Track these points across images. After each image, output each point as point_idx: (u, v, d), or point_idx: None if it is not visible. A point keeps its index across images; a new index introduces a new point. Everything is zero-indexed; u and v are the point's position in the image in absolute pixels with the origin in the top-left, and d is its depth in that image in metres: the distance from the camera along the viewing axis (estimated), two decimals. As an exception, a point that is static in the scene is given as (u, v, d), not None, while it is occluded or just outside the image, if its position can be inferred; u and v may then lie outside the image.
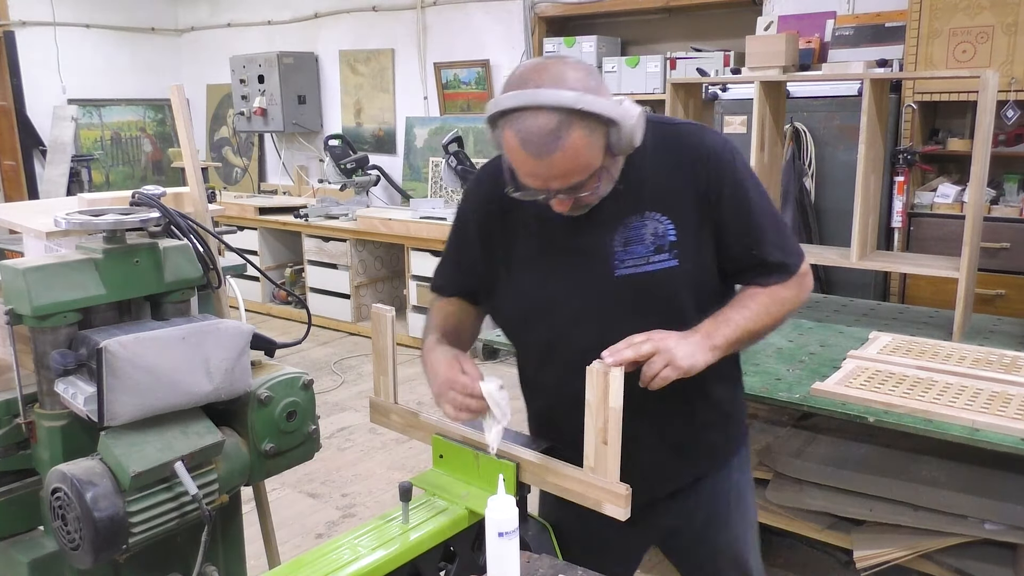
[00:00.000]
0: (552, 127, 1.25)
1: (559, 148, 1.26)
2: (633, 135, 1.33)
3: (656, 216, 1.42)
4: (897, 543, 2.15)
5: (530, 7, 5.33)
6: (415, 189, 6.12)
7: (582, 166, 1.30)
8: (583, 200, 1.37)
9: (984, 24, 3.38)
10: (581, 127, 1.26)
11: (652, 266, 1.41)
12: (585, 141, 1.28)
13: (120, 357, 1.43)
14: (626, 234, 1.42)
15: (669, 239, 1.41)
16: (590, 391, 1.34)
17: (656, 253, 1.41)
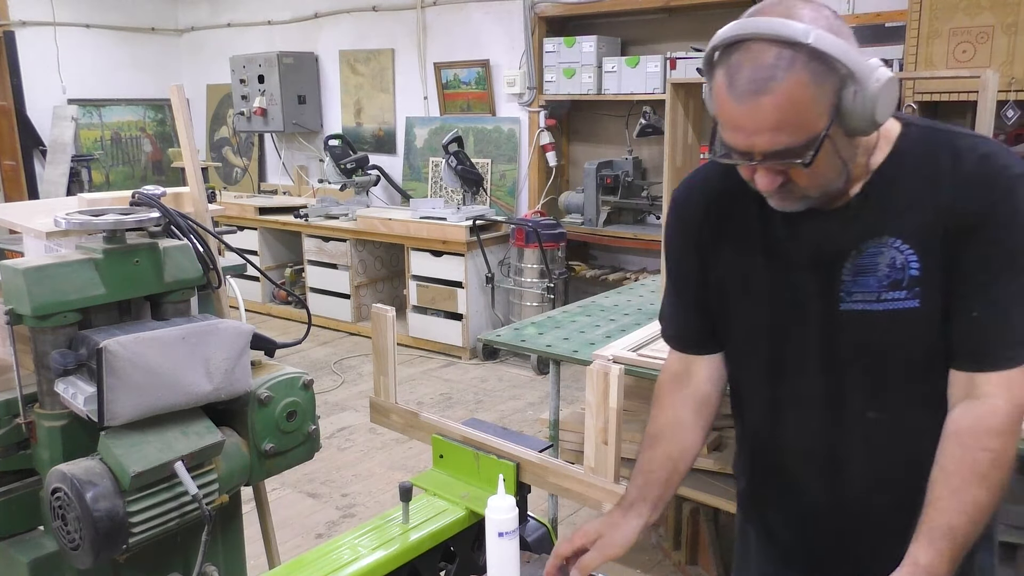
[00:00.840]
0: (768, 62, 0.99)
1: (770, 90, 0.99)
2: (875, 105, 1.02)
3: (896, 244, 1.11)
4: (897, 543, 2.15)
5: (530, 7, 5.33)
6: (415, 189, 6.12)
7: (797, 122, 1.01)
8: (796, 183, 1.08)
9: (984, 24, 3.38)
10: (805, 70, 0.99)
11: (882, 304, 1.12)
12: (806, 90, 0.99)
13: (120, 357, 1.43)
14: (859, 261, 1.14)
15: (910, 273, 1.11)
16: (590, 391, 1.34)
17: (891, 289, 1.12)
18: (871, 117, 1.03)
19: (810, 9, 1.02)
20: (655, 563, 2.88)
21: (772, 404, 1.27)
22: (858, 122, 1.04)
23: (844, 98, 1.02)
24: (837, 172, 1.09)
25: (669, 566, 2.86)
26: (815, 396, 1.19)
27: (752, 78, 1.00)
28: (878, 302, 1.13)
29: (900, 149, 1.14)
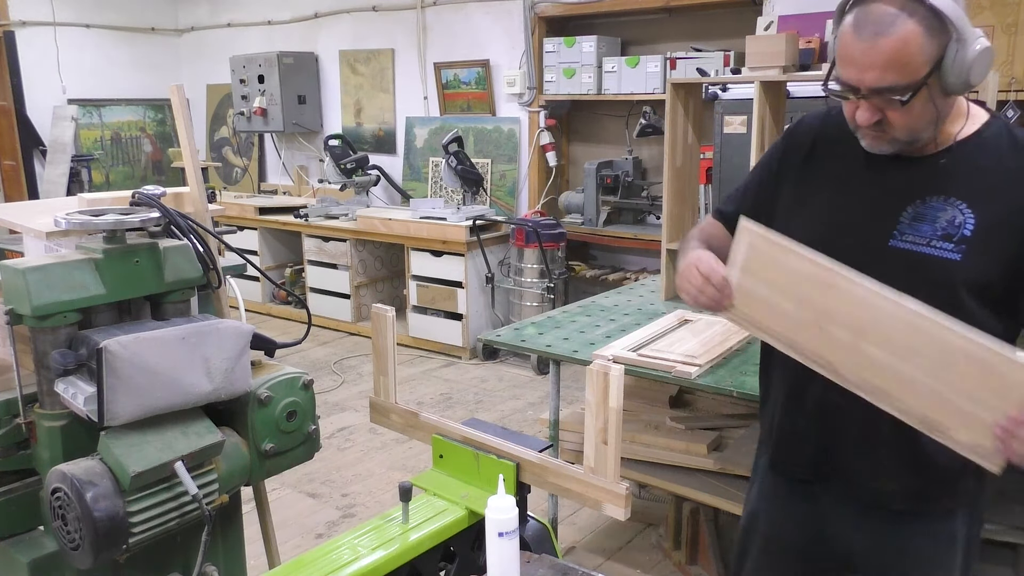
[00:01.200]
0: (893, 10, 1.21)
1: (889, 33, 1.20)
2: (972, 67, 1.21)
3: (959, 205, 1.30)
4: (897, 543, 2.15)
5: (530, 7, 5.33)
6: (415, 189, 6.12)
7: (905, 63, 1.21)
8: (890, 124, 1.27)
9: (984, 24, 3.38)
10: (923, 22, 1.20)
11: (931, 250, 1.30)
12: (919, 40, 1.20)
13: (120, 357, 1.43)
14: (920, 209, 1.33)
15: (963, 233, 1.29)
16: (590, 391, 1.34)
17: (943, 240, 1.30)
18: (966, 77, 1.22)
19: None
20: (655, 563, 2.88)
21: None
22: (954, 79, 1.22)
23: (947, 55, 1.21)
24: (927, 121, 1.27)
25: (669, 566, 2.86)
26: None
27: (877, 21, 1.21)
28: (927, 247, 1.30)
29: (984, 132, 1.32)
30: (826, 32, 4.11)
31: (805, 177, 1.47)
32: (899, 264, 1.31)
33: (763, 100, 2.76)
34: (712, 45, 4.66)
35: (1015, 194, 1.28)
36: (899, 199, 1.34)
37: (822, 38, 4.16)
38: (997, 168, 1.30)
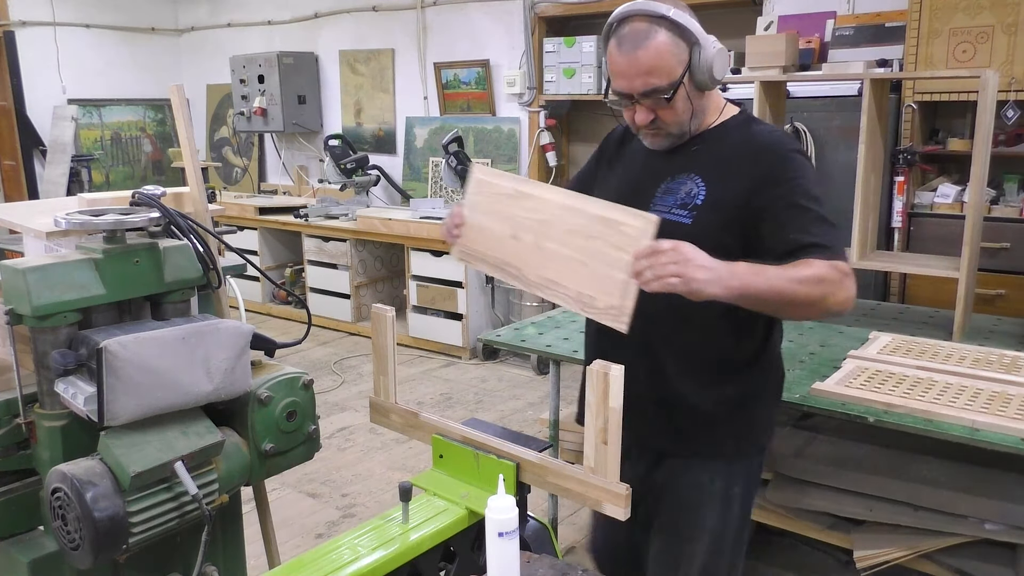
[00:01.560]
0: (643, 28, 1.49)
1: (645, 45, 1.48)
2: (713, 64, 1.51)
3: (696, 179, 1.57)
4: (897, 543, 2.15)
5: (530, 7, 5.33)
6: (415, 189, 6.12)
7: (663, 67, 1.49)
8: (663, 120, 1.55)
9: (984, 24, 3.38)
10: (668, 34, 1.49)
11: (670, 215, 1.55)
12: (670, 48, 1.49)
13: (120, 357, 1.43)
14: (669, 184, 1.60)
15: (696, 201, 1.55)
16: (590, 391, 1.34)
17: (679, 208, 1.56)
18: (711, 73, 1.52)
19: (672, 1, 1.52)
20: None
21: None
22: (702, 76, 1.52)
23: (693, 57, 1.51)
24: (689, 115, 1.56)
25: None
26: None
27: (634, 37, 1.50)
28: (668, 213, 1.57)
29: (729, 122, 1.62)
30: (826, 32, 4.13)
31: (608, 170, 1.79)
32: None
33: (763, 100, 2.76)
34: (712, 45, 4.66)
35: (742, 169, 1.54)
36: (658, 178, 1.63)
37: (822, 38, 4.16)
38: (732, 149, 1.57)
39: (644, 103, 1.53)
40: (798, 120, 3.80)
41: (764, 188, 1.51)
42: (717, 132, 1.61)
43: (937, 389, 1.99)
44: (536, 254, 1.52)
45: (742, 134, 1.59)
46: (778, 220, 1.49)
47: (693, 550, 1.68)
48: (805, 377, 2.15)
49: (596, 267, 1.42)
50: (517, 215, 1.55)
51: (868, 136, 2.62)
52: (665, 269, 1.30)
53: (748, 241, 1.52)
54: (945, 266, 2.59)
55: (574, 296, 1.46)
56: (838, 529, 2.29)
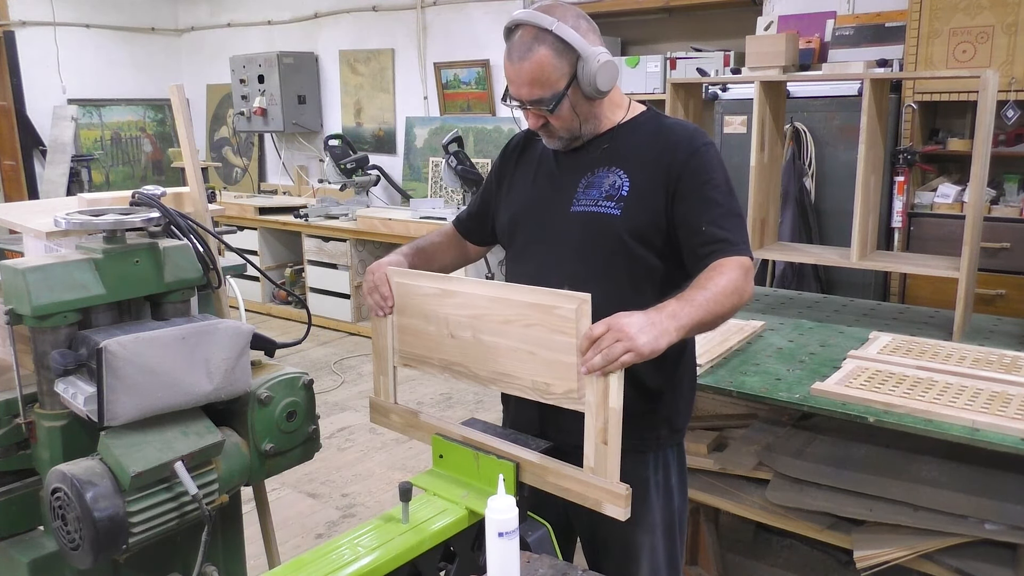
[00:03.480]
0: (528, 40, 1.53)
1: (527, 57, 1.53)
2: (597, 75, 1.54)
3: (618, 172, 1.62)
4: (897, 543, 2.15)
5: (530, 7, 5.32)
6: (415, 189, 6.12)
7: (545, 79, 1.53)
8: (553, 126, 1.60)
9: (984, 24, 3.38)
10: (551, 46, 1.52)
11: (599, 208, 1.60)
12: (551, 60, 1.52)
13: (120, 357, 1.43)
14: (591, 178, 1.64)
15: (621, 192, 1.60)
16: (589, 391, 1.34)
17: (606, 200, 1.60)
18: (595, 84, 1.55)
19: (562, 11, 1.55)
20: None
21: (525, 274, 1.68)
22: (587, 87, 1.55)
23: (578, 69, 1.54)
24: (579, 122, 1.61)
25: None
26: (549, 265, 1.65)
27: (519, 49, 1.54)
28: (596, 206, 1.60)
29: (639, 119, 1.67)
30: (826, 32, 4.13)
31: (515, 175, 1.80)
32: (578, 223, 1.62)
33: (763, 100, 2.76)
34: (712, 45, 4.66)
35: (660, 160, 1.58)
36: (577, 173, 1.66)
37: (822, 38, 4.16)
38: (647, 142, 1.62)
39: (532, 109, 1.59)
40: (798, 120, 3.80)
41: (680, 179, 1.56)
42: (629, 127, 1.65)
43: (937, 389, 1.99)
44: (479, 349, 1.52)
45: (654, 128, 1.64)
46: (692, 212, 1.55)
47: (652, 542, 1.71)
48: (805, 377, 2.15)
49: (543, 354, 1.42)
50: (449, 314, 1.55)
51: (868, 136, 2.62)
52: (612, 351, 1.31)
53: (670, 228, 1.59)
54: (945, 266, 2.59)
55: (530, 386, 1.46)
56: (838, 529, 2.29)
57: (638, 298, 1.51)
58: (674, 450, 1.74)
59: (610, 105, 1.65)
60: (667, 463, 1.72)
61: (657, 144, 1.61)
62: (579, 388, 1.38)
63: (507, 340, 1.47)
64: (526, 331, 1.43)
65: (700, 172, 1.57)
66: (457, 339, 1.55)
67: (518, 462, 1.47)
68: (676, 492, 1.74)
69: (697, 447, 2.52)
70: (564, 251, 1.63)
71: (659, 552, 1.72)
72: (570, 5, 1.59)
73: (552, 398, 1.43)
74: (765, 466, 2.42)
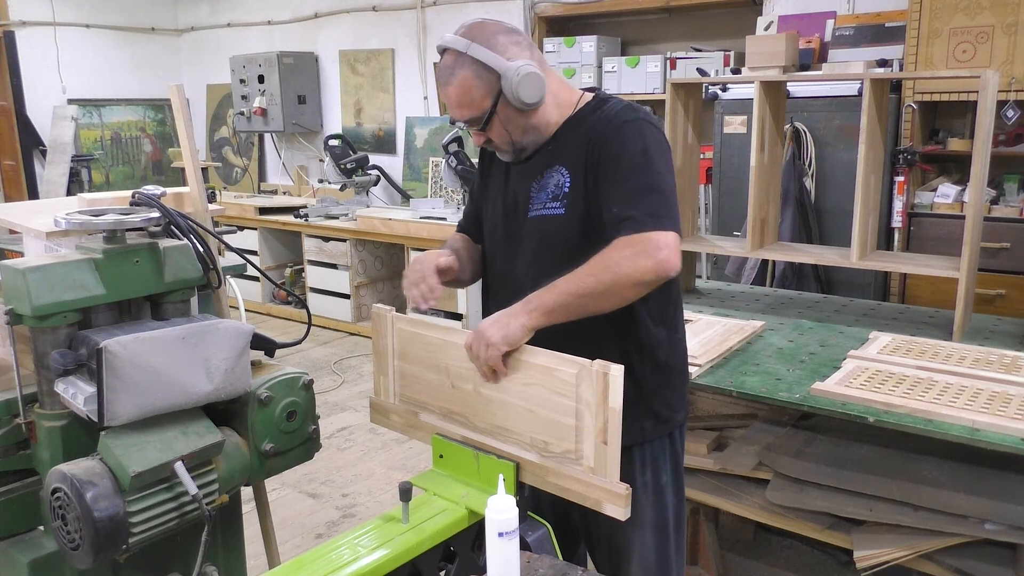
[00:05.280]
0: (449, 63, 1.56)
1: (451, 81, 1.55)
2: (519, 89, 1.53)
3: (561, 169, 1.61)
4: (897, 543, 2.15)
5: (530, 7, 5.33)
6: (415, 189, 6.11)
7: (470, 100, 1.55)
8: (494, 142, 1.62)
9: (984, 24, 3.38)
10: (470, 69, 1.54)
11: (546, 211, 1.61)
12: (472, 82, 1.54)
13: (120, 357, 1.43)
14: (540, 182, 1.64)
15: (564, 190, 1.60)
16: (589, 391, 1.34)
17: (552, 201, 1.61)
18: (519, 98, 1.54)
19: (479, 29, 1.57)
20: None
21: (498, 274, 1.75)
22: (515, 101, 1.55)
23: (504, 87, 1.54)
24: (517, 134, 1.60)
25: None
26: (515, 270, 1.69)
27: (444, 73, 1.57)
28: (544, 208, 1.61)
29: (579, 112, 1.65)
30: (826, 32, 4.13)
31: (490, 179, 1.80)
32: (534, 228, 1.63)
33: (763, 100, 2.76)
34: (712, 45, 4.66)
35: (588, 141, 1.57)
36: (530, 178, 1.66)
37: (822, 38, 4.16)
38: (584, 132, 1.60)
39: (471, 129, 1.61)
40: (798, 120, 3.80)
41: (599, 162, 1.55)
42: (572, 122, 1.63)
43: (937, 389, 1.99)
44: (480, 401, 1.52)
45: (593, 116, 1.62)
46: (605, 195, 1.54)
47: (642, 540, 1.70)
48: (805, 377, 2.15)
49: (543, 413, 1.43)
50: (451, 364, 1.56)
51: (868, 136, 2.61)
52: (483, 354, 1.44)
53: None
54: (945, 266, 2.59)
55: (528, 442, 1.46)
56: (838, 529, 2.29)
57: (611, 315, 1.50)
58: (665, 444, 1.70)
59: (555, 108, 1.63)
60: (656, 459, 1.69)
61: (586, 131, 1.60)
62: (577, 449, 1.38)
63: (508, 396, 1.48)
64: (526, 389, 1.44)
65: (615, 150, 1.54)
66: (458, 390, 1.55)
67: (518, 462, 1.47)
68: (669, 489, 1.72)
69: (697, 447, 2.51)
70: (525, 257, 1.65)
71: (649, 551, 1.71)
72: (493, 22, 1.61)
73: (550, 457, 1.43)
74: (765, 466, 2.42)
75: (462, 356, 1.52)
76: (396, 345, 1.66)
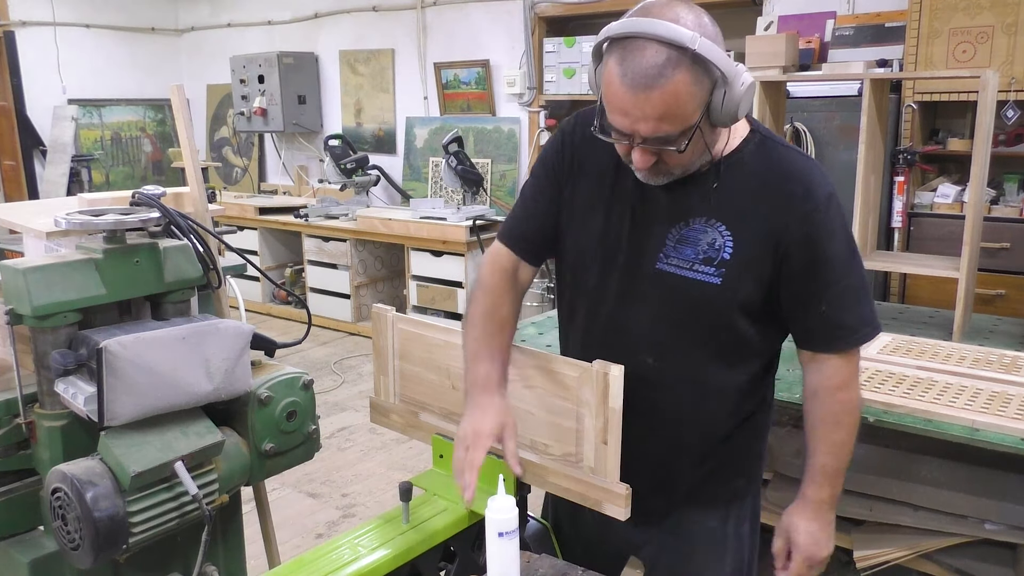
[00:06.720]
0: (659, 62, 1.15)
1: (659, 86, 1.15)
2: (740, 103, 1.21)
3: (720, 228, 1.33)
4: (897, 543, 2.15)
5: (530, 7, 5.33)
6: (415, 189, 6.12)
7: (677, 114, 1.18)
8: (665, 163, 1.27)
9: (984, 24, 3.38)
10: (689, 71, 1.16)
11: (693, 274, 1.34)
12: (688, 88, 1.17)
13: (120, 357, 1.43)
14: (683, 232, 1.35)
15: (723, 256, 1.32)
16: (589, 391, 1.34)
17: (704, 264, 1.33)
18: (734, 113, 1.22)
19: (694, 16, 1.18)
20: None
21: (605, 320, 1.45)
22: (723, 117, 1.22)
23: (715, 96, 1.20)
24: (700, 156, 1.29)
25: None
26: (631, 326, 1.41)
27: (645, 73, 1.15)
28: (690, 270, 1.34)
29: (743, 150, 1.34)
30: (826, 32, 4.13)
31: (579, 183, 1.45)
32: (665, 286, 1.36)
33: (763, 100, 2.76)
34: (712, 45, 4.66)
35: (770, 210, 1.31)
36: (667, 221, 1.36)
37: (822, 38, 4.16)
38: (753, 184, 1.32)
39: (647, 147, 1.24)
40: (798, 120, 3.80)
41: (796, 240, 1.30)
42: (734, 162, 1.33)
43: (937, 389, 1.99)
44: None
45: (762, 162, 1.33)
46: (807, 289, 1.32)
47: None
48: (805, 377, 2.14)
49: (543, 416, 1.42)
50: (451, 365, 1.55)
51: (868, 136, 2.62)
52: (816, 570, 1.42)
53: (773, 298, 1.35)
54: (945, 266, 2.59)
55: (528, 444, 1.45)
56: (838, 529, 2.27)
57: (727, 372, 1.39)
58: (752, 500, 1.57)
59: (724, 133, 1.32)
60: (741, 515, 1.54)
61: (768, 194, 1.31)
62: (576, 452, 1.38)
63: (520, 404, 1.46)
64: (527, 391, 1.43)
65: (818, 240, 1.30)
66: (459, 391, 1.54)
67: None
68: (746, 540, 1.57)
69: (697, 447, 2.51)
70: (641, 315, 1.38)
71: None
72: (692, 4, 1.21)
73: (549, 459, 1.42)
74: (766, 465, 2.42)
75: (462, 357, 1.51)
76: (396, 345, 1.66)
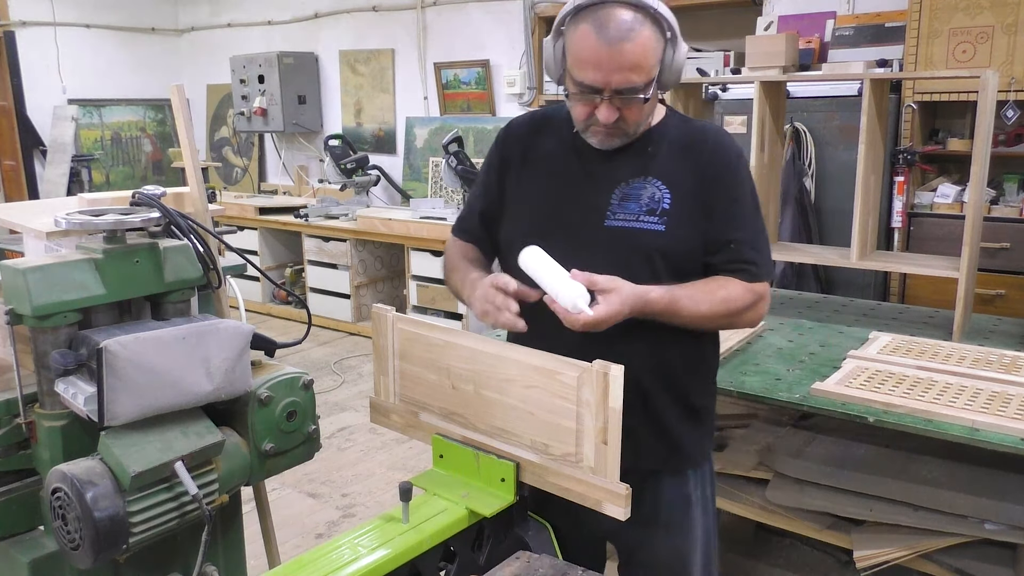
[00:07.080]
0: (630, 19, 1.36)
1: (631, 39, 1.36)
2: (681, 66, 1.44)
3: (657, 183, 1.50)
4: (897, 543, 2.15)
5: (530, 7, 5.33)
6: (415, 189, 6.12)
7: (644, 65, 1.38)
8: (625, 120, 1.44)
9: (984, 24, 3.38)
10: (653, 28, 1.38)
11: (639, 224, 1.49)
12: (653, 44, 1.38)
13: (120, 357, 1.43)
14: (625, 191, 1.51)
15: (663, 206, 1.49)
16: (589, 391, 1.34)
17: (648, 215, 1.49)
18: (679, 74, 1.44)
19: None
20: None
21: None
22: (670, 76, 1.44)
23: (666, 55, 1.42)
24: (646, 118, 1.48)
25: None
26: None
27: (619, 27, 1.36)
28: (637, 221, 1.49)
29: (667, 121, 1.55)
30: (826, 32, 4.13)
31: (522, 173, 1.62)
32: (615, 238, 1.50)
33: (763, 100, 2.76)
34: (712, 45, 4.66)
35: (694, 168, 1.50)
36: (609, 184, 1.52)
37: (822, 38, 4.16)
38: (679, 151, 1.52)
39: (614, 101, 1.41)
40: (798, 120, 3.80)
41: (714, 190, 1.50)
42: (660, 132, 1.54)
43: (937, 389, 1.99)
44: (480, 403, 1.51)
45: (683, 132, 1.55)
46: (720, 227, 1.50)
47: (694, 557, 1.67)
48: (805, 377, 2.15)
49: (543, 416, 1.42)
50: (452, 365, 1.54)
51: (868, 136, 2.62)
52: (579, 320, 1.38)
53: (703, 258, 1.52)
54: (945, 266, 2.59)
55: (529, 444, 1.45)
56: (838, 529, 2.29)
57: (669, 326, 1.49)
58: (709, 465, 1.69)
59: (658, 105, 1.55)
60: (703, 476, 1.66)
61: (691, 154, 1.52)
62: (577, 452, 1.38)
63: (508, 398, 1.47)
64: (527, 392, 1.43)
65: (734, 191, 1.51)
66: (459, 391, 1.54)
67: (518, 462, 1.47)
68: (711, 506, 1.69)
69: (697, 447, 2.52)
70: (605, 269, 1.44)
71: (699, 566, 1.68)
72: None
73: (549, 459, 1.43)
74: (765, 466, 2.42)
75: (462, 358, 1.51)
76: (396, 345, 1.66)
